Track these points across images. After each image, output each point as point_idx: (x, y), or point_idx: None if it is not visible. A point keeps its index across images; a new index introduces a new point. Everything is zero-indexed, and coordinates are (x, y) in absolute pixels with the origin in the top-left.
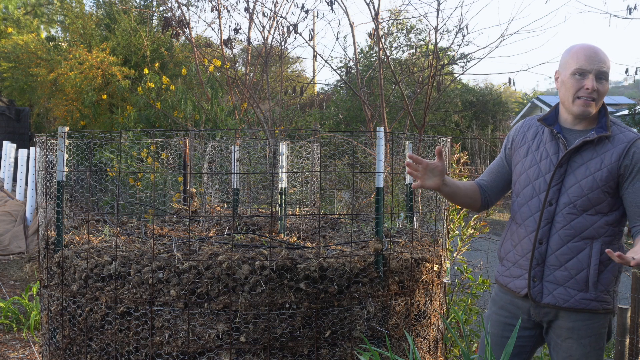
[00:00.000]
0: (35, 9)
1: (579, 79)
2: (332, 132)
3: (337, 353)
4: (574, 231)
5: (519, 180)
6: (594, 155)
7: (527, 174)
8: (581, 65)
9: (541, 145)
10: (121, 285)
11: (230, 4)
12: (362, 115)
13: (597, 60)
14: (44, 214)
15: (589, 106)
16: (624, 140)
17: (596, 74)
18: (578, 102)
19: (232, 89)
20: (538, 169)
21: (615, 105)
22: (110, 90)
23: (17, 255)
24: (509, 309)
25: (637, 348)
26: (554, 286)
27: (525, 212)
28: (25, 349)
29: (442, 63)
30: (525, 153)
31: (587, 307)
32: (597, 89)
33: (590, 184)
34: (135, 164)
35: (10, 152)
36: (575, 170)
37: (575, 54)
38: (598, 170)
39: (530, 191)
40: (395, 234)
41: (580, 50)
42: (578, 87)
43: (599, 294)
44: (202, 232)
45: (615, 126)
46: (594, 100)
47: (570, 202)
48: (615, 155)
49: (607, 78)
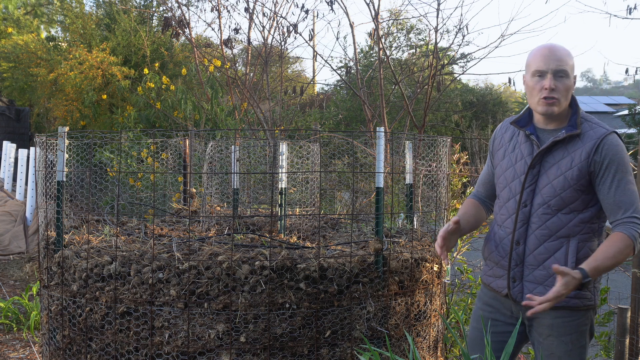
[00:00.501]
0: (35, 9)
1: (539, 79)
2: (332, 132)
3: (337, 353)
4: (549, 231)
5: (498, 183)
6: (564, 155)
7: (505, 176)
8: (538, 66)
9: (517, 147)
10: (121, 285)
11: (230, 4)
12: (362, 115)
13: (554, 59)
14: (44, 214)
15: (552, 105)
16: (594, 137)
17: (554, 72)
18: (541, 102)
19: (232, 89)
20: (514, 170)
21: (615, 105)
22: (110, 90)
23: (17, 255)
24: (492, 304)
25: (637, 348)
26: (533, 285)
27: (504, 214)
28: (25, 349)
29: (442, 63)
30: (503, 155)
31: (568, 304)
32: (555, 87)
33: (562, 184)
34: (135, 164)
35: (10, 152)
36: (548, 170)
37: (533, 56)
38: (569, 169)
39: (508, 193)
40: (395, 234)
41: (537, 51)
42: (538, 88)
43: (577, 291)
44: (202, 232)
45: (587, 123)
46: (555, 98)
47: (544, 202)
48: (584, 153)
49: (567, 75)
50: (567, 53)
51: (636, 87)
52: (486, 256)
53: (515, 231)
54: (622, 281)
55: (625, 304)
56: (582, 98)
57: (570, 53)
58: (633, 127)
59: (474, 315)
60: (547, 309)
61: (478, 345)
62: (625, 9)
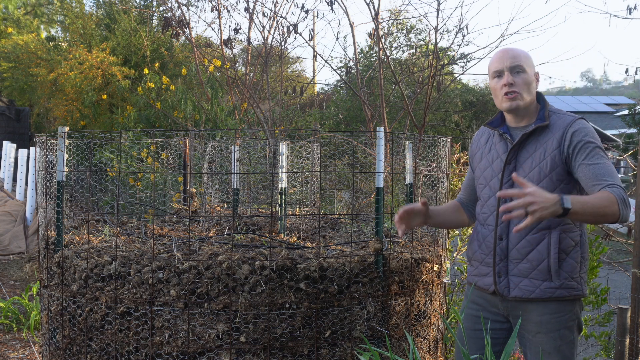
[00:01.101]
0: (35, 9)
1: (498, 79)
2: (332, 132)
3: (337, 353)
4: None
5: (478, 184)
6: (537, 147)
7: (484, 176)
8: (495, 67)
9: (492, 147)
10: (121, 285)
11: (230, 4)
12: (362, 115)
13: (508, 57)
14: (44, 214)
15: (515, 99)
16: (562, 125)
17: (510, 69)
18: (504, 99)
19: (232, 89)
20: (491, 169)
21: (615, 105)
22: (110, 90)
23: (17, 255)
24: (479, 302)
25: (637, 348)
26: (519, 279)
27: (485, 212)
28: (25, 349)
29: (442, 63)
30: (480, 157)
31: (554, 295)
32: (514, 82)
33: (537, 175)
34: (135, 164)
35: (10, 152)
36: (523, 164)
37: (491, 62)
38: (542, 159)
39: (488, 192)
40: (395, 234)
41: (493, 57)
42: (499, 87)
43: (563, 281)
44: (202, 232)
45: (555, 115)
46: (516, 92)
47: None
48: (555, 142)
49: (524, 70)
50: (522, 52)
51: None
52: (470, 256)
53: (497, 227)
54: (622, 281)
55: (625, 304)
56: (582, 98)
57: (527, 53)
58: (633, 127)
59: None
60: (518, 206)
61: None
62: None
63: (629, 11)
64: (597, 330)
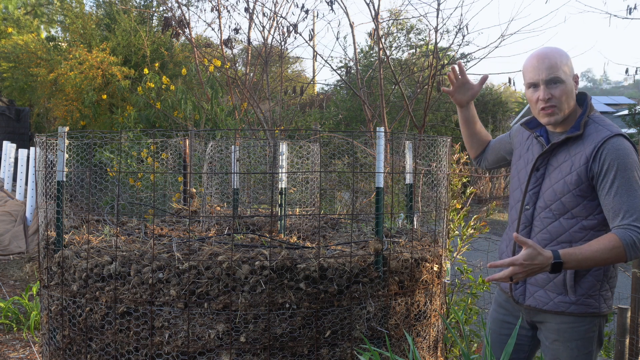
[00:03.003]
0: (35, 9)
1: (533, 91)
2: (332, 132)
3: (337, 353)
4: (550, 235)
5: (511, 183)
6: (566, 158)
7: (518, 177)
8: (530, 78)
9: (530, 148)
10: (121, 285)
11: (230, 4)
12: (362, 115)
13: (544, 68)
14: (44, 214)
15: (553, 114)
16: (595, 140)
17: (546, 82)
18: (541, 114)
19: (232, 89)
20: (525, 171)
21: (615, 105)
22: (110, 90)
23: (17, 255)
24: (506, 307)
25: (637, 348)
26: (535, 288)
27: (512, 214)
28: (25, 349)
29: (442, 63)
30: (519, 156)
31: (567, 310)
32: (551, 96)
33: (561, 188)
34: (135, 164)
35: (10, 152)
36: (551, 173)
37: (525, 68)
38: (568, 173)
39: (518, 194)
40: (395, 234)
41: (528, 62)
42: (535, 100)
43: (579, 298)
44: (202, 232)
45: (593, 124)
46: (554, 106)
47: (546, 206)
48: (584, 157)
49: (561, 81)
50: (559, 57)
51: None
52: (499, 256)
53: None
54: (622, 281)
55: (625, 304)
56: None
57: (564, 55)
58: (633, 127)
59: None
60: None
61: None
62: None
63: (629, 11)
64: None
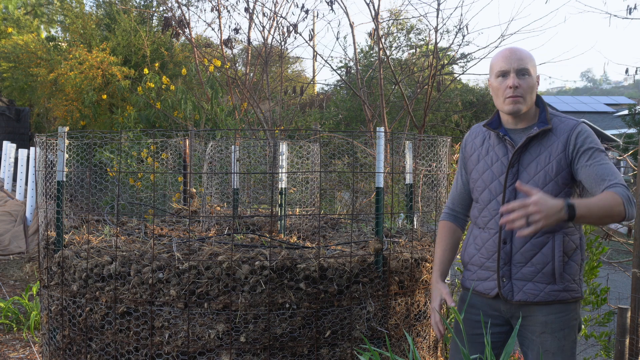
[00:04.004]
0: (35, 9)
1: (502, 80)
2: (332, 132)
3: (337, 353)
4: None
5: (475, 187)
6: (541, 150)
7: (482, 179)
8: (501, 67)
9: (490, 149)
10: (121, 285)
11: (230, 4)
12: (362, 115)
13: (515, 58)
14: (44, 214)
15: (518, 103)
16: (566, 129)
17: (516, 71)
18: (507, 101)
19: (232, 89)
20: (491, 172)
21: (615, 105)
22: (110, 90)
23: (17, 255)
24: (477, 305)
25: (637, 348)
26: (523, 283)
27: (485, 216)
28: (25, 349)
29: (442, 63)
30: (477, 160)
31: (557, 298)
32: (519, 85)
33: (543, 178)
34: (135, 164)
35: (10, 152)
36: (527, 167)
37: (496, 59)
38: (548, 163)
39: (488, 195)
40: (395, 234)
41: (499, 54)
42: (503, 88)
43: (566, 284)
44: (202, 232)
45: (556, 118)
46: (520, 96)
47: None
48: (560, 145)
49: (529, 74)
50: (528, 54)
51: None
52: (467, 261)
53: (501, 230)
54: (622, 281)
55: (625, 304)
56: (582, 98)
57: (532, 55)
58: (633, 127)
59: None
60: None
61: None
62: (625, 9)
63: (629, 11)
64: (597, 330)
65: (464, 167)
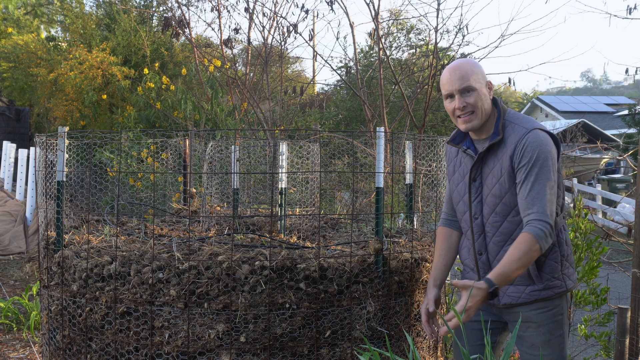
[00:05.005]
0: (35, 9)
1: (450, 101)
2: (332, 132)
3: (337, 353)
4: (504, 236)
5: (453, 197)
6: (495, 162)
7: (457, 190)
8: (445, 90)
9: (462, 161)
10: (121, 285)
11: (230, 4)
12: (362, 115)
13: (455, 79)
14: (44, 214)
15: (470, 121)
16: (514, 139)
17: (459, 91)
18: (459, 120)
19: (232, 89)
20: (464, 183)
21: (615, 105)
22: (110, 90)
23: (17, 255)
24: None
25: (637, 348)
26: (505, 287)
27: (464, 225)
28: (25, 349)
29: (442, 63)
30: (453, 171)
31: (539, 297)
32: (465, 104)
33: (499, 190)
34: (135, 164)
35: (10, 152)
36: (486, 180)
37: (441, 81)
38: (501, 176)
39: (462, 206)
40: (395, 234)
41: (443, 76)
42: (452, 110)
43: (545, 282)
44: (202, 232)
45: (510, 125)
46: (470, 113)
47: (492, 210)
48: (507, 158)
49: (474, 88)
50: (469, 67)
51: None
52: (462, 261)
53: (474, 242)
54: (622, 281)
55: (625, 304)
56: (582, 98)
57: (475, 64)
58: (633, 127)
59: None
60: (467, 319)
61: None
62: (625, 9)
63: (629, 11)
64: (597, 330)
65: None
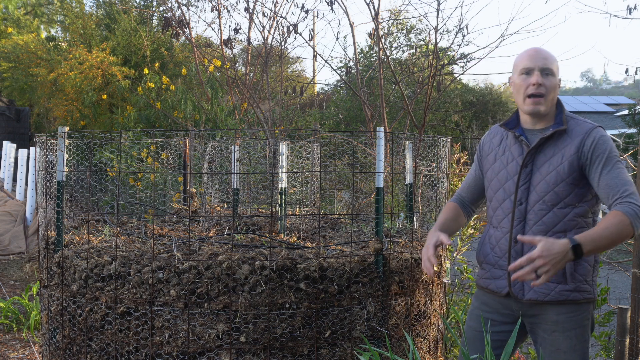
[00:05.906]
0: (35, 9)
1: (526, 77)
2: (332, 132)
3: (337, 353)
4: (546, 227)
5: (490, 186)
6: (555, 151)
7: (498, 178)
8: (525, 64)
9: (506, 149)
10: (121, 285)
11: (230, 4)
12: (362, 115)
13: (540, 57)
14: (44, 214)
15: (539, 104)
16: (581, 132)
17: (540, 69)
18: (528, 100)
19: (232, 89)
20: (506, 172)
21: (615, 105)
22: (110, 90)
23: (17, 255)
24: (491, 304)
25: (637, 348)
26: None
27: (499, 215)
28: (25, 349)
29: (442, 63)
30: (494, 159)
31: (568, 298)
32: (542, 83)
33: (554, 178)
34: (135, 164)
35: (10, 152)
36: (540, 167)
37: (520, 57)
38: (560, 164)
39: (502, 194)
40: (395, 234)
41: (524, 52)
42: (526, 85)
43: (577, 284)
44: (202, 232)
45: (573, 120)
46: (542, 96)
47: (540, 198)
48: (573, 147)
49: (553, 74)
50: (553, 56)
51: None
52: (482, 260)
53: (512, 229)
54: (622, 281)
55: (625, 304)
56: (582, 98)
57: (556, 58)
58: (633, 127)
59: (470, 315)
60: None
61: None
62: (625, 9)
63: (629, 11)
64: (597, 330)
65: (479, 164)
